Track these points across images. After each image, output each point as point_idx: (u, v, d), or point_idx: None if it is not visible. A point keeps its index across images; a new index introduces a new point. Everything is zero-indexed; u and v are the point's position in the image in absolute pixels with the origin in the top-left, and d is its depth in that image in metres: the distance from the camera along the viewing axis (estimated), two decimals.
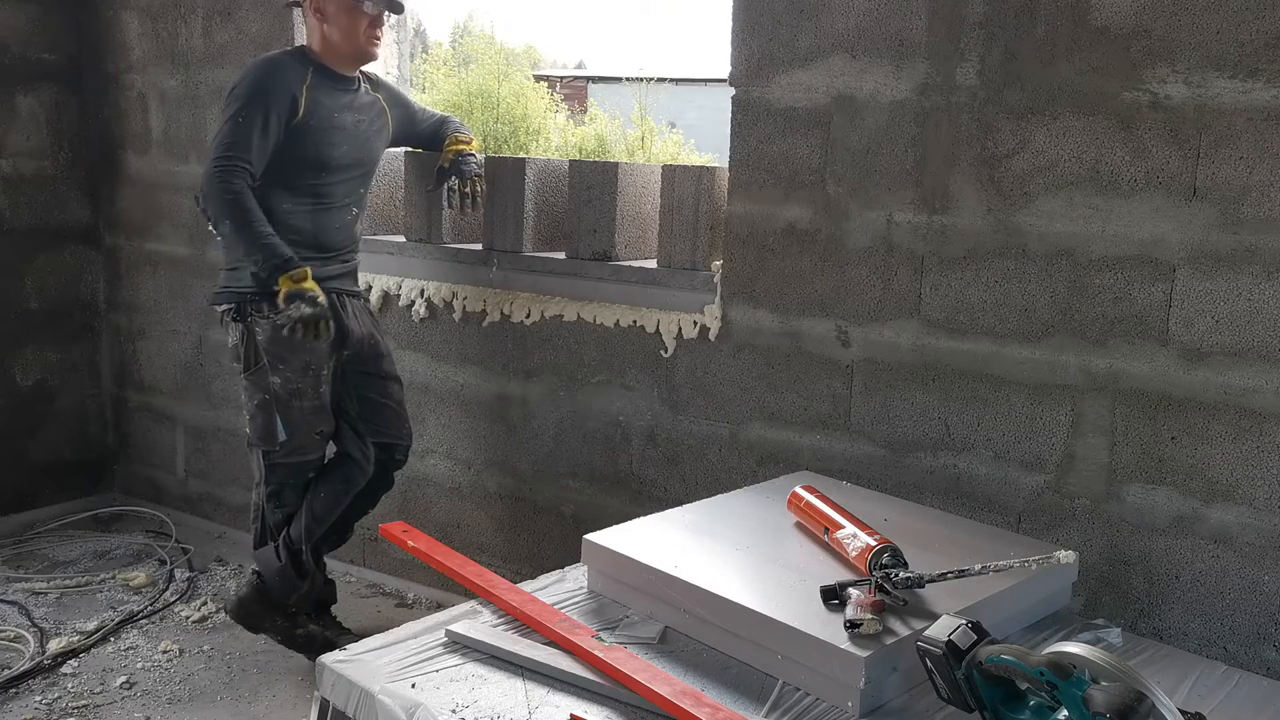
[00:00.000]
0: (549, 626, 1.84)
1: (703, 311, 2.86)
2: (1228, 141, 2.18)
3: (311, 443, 2.93)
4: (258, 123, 2.72)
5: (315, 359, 2.86)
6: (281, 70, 2.81)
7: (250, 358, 2.85)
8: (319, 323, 2.70)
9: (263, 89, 2.76)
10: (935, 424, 2.56)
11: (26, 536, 3.95)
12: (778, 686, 1.69)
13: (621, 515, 2.47)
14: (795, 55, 2.64)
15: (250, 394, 2.88)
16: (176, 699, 2.91)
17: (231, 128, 2.72)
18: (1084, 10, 2.28)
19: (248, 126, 2.72)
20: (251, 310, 2.82)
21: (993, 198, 2.43)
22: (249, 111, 2.72)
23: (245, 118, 2.72)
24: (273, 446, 2.88)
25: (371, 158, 3.04)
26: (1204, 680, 1.77)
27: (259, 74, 2.79)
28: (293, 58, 2.89)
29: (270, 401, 2.84)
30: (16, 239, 3.99)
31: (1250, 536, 2.24)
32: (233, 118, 2.73)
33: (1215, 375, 2.24)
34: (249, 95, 2.75)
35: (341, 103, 2.90)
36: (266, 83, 2.77)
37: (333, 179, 2.89)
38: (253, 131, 2.72)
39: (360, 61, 2.93)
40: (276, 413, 2.85)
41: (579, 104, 21.50)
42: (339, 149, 2.88)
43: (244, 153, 2.70)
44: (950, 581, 1.76)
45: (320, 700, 1.79)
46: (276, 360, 2.82)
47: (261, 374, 2.84)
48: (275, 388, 2.84)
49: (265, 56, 2.90)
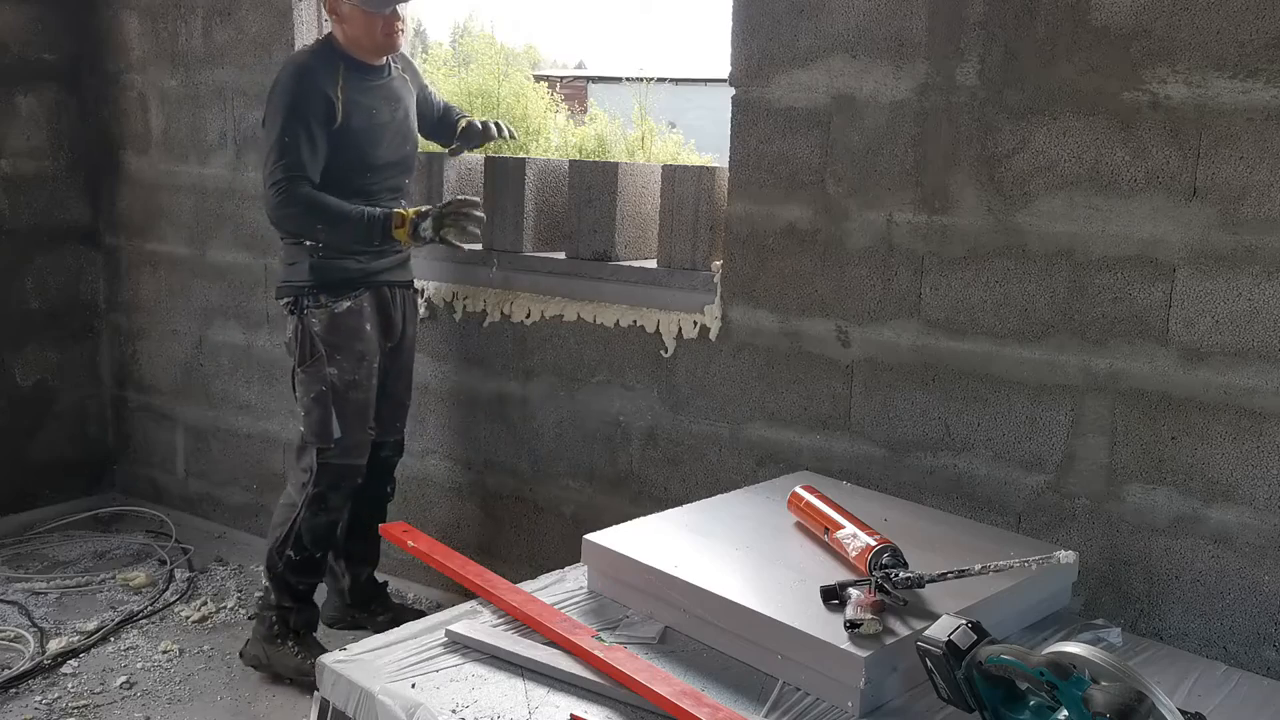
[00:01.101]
0: (549, 627, 1.84)
1: (703, 311, 2.86)
2: (1228, 141, 2.18)
3: (363, 441, 2.93)
4: (303, 137, 2.72)
5: (369, 349, 2.90)
6: (313, 75, 2.78)
7: (306, 349, 2.85)
8: (451, 218, 2.78)
9: (299, 101, 2.74)
10: (935, 424, 2.56)
11: (26, 536, 3.95)
12: (778, 686, 1.69)
13: (621, 515, 2.47)
14: (795, 55, 2.64)
15: (307, 387, 2.87)
16: (176, 699, 2.91)
17: (280, 150, 2.73)
18: (1084, 10, 2.28)
19: (295, 144, 2.72)
20: (308, 302, 2.84)
21: (993, 198, 2.43)
22: (292, 128, 2.72)
23: (290, 136, 2.72)
24: (328, 444, 2.86)
25: (413, 145, 3.03)
26: (1204, 680, 1.77)
27: (292, 84, 2.77)
28: (321, 57, 2.84)
29: (327, 394, 2.84)
30: (16, 239, 3.99)
31: (1250, 536, 2.24)
32: (278, 140, 2.73)
33: (1215, 375, 2.24)
34: (288, 111, 2.73)
35: (377, 97, 2.88)
36: (301, 93, 2.75)
37: (379, 176, 2.90)
38: (300, 147, 2.72)
39: (383, 54, 2.90)
40: (332, 406, 2.85)
41: (579, 104, 21.49)
42: (382, 147, 2.88)
43: (298, 170, 2.72)
44: (950, 581, 1.76)
45: (320, 700, 1.79)
46: (334, 350, 2.85)
47: (319, 365, 2.84)
48: (332, 379, 2.84)
49: (295, 63, 2.85)
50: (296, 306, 2.87)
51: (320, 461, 2.87)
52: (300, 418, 2.91)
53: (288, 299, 2.89)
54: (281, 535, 2.92)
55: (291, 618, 2.96)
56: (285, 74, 2.81)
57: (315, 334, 2.85)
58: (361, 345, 2.89)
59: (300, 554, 2.91)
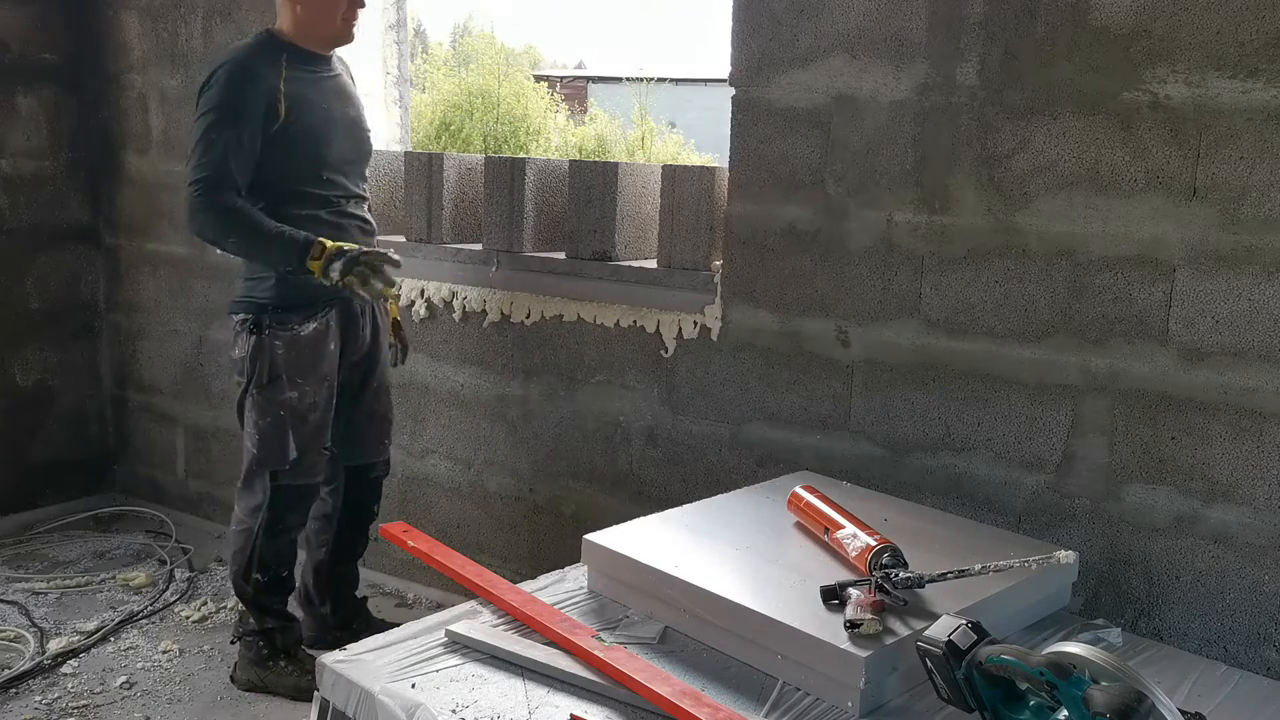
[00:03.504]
0: (549, 627, 1.84)
1: (703, 311, 2.86)
2: (1228, 141, 2.18)
3: (319, 461, 2.82)
4: (232, 139, 2.57)
5: (330, 368, 2.77)
6: (251, 73, 2.61)
7: (264, 372, 2.70)
8: (361, 268, 2.58)
9: (233, 100, 2.58)
10: (935, 424, 2.56)
11: (26, 536, 3.95)
12: (778, 686, 1.69)
13: (621, 515, 2.47)
14: (795, 55, 2.64)
15: (262, 410, 2.73)
16: (176, 699, 2.91)
17: (204, 148, 2.57)
18: (1084, 10, 2.28)
19: (221, 145, 2.56)
20: (270, 321, 2.69)
21: (993, 198, 2.43)
22: (219, 129, 2.57)
23: (217, 135, 2.57)
24: (282, 466, 2.75)
25: (369, 146, 2.91)
26: (1204, 680, 1.78)
27: (228, 81, 2.59)
28: (263, 50, 2.67)
29: (285, 418, 2.72)
30: (16, 239, 3.99)
31: (1250, 536, 2.24)
32: (203, 137, 2.58)
33: (1215, 375, 2.24)
34: (219, 110, 2.58)
35: (327, 90, 2.73)
36: (237, 91, 2.59)
37: (337, 177, 2.76)
38: (226, 151, 2.57)
39: (335, 44, 2.78)
40: (290, 429, 2.73)
41: (579, 104, 21.50)
42: (334, 145, 2.74)
43: (222, 173, 2.57)
44: (950, 581, 1.76)
45: (320, 700, 1.79)
46: (295, 373, 2.71)
47: (277, 388, 2.71)
48: (291, 402, 2.72)
49: (232, 58, 2.65)
50: (256, 326, 2.70)
51: (275, 484, 2.76)
52: (251, 439, 2.77)
53: (246, 315, 2.72)
54: (244, 562, 2.83)
55: (278, 637, 2.89)
56: (222, 71, 2.62)
57: (277, 356, 2.70)
58: (325, 366, 2.77)
59: (267, 575, 2.83)
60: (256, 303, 2.72)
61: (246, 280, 2.76)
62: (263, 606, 2.87)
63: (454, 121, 17.04)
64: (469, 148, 15.59)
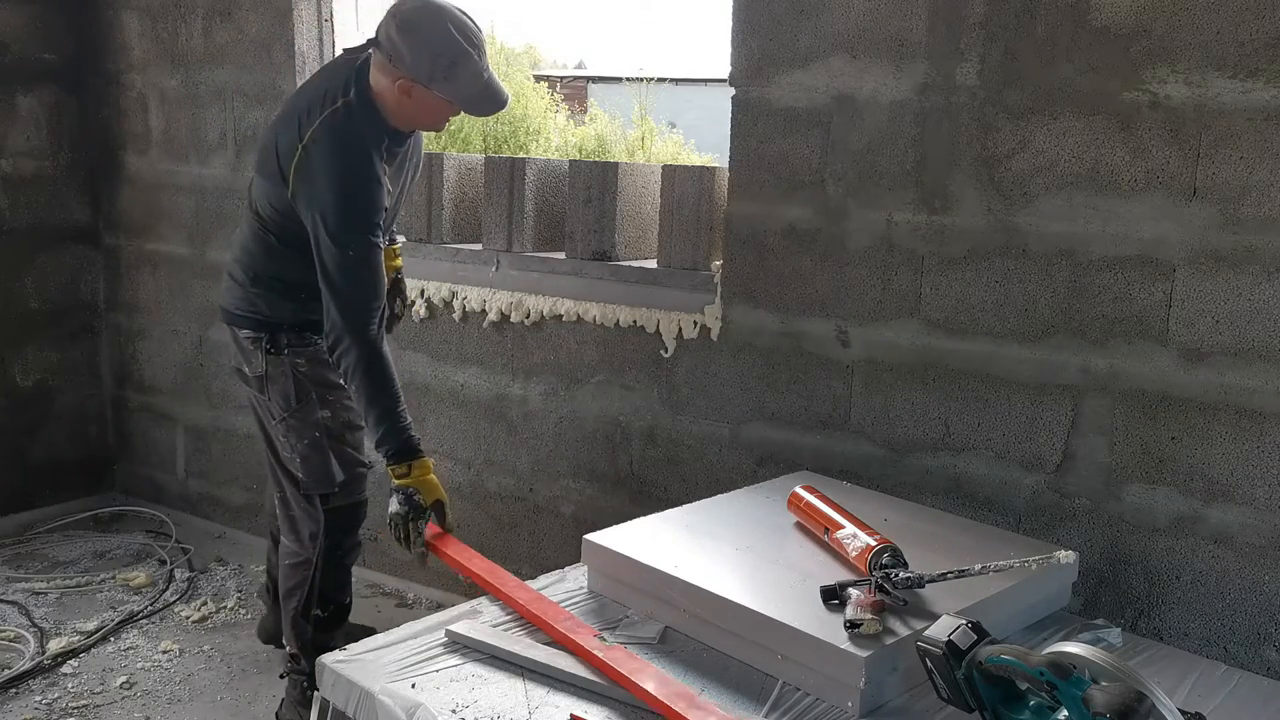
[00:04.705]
0: (554, 625, 1.84)
1: (703, 311, 2.86)
2: (1228, 141, 2.18)
3: (360, 479, 2.72)
4: (377, 252, 2.40)
5: None
6: (370, 165, 2.40)
7: (292, 394, 2.58)
8: (406, 527, 2.43)
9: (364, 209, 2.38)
10: (935, 424, 2.56)
11: (26, 536, 3.95)
12: (778, 686, 1.69)
13: (621, 515, 2.47)
14: (795, 55, 2.64)
15: (299, 433, 2.59)
16: (176, 699, 2.91)
17: (371, 271, 2.38)
18: (1084, 10, 2.28)
19: (376, 264, 2.39)
20: (290, 340, 2.56)
21: (993, 198, 2.43)
22: (373, 247, 2.38)
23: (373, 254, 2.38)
24: (331, 489, 2.62)
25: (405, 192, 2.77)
26: (1204, 680, 1.78)
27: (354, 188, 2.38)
28: (371, 127, 2.44)
29: (322, 439, 2.60)
30: (16, 239, 3.99)
31: (1250, 536, 2.24)
32: (361, 256, 2.36)
33: (1215, 375, 2.24)
34: (360, 223, 2.37)
35: (399, 163, 2.59)
36: (365, 197, 2.38)
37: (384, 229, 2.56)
38: (380, 266, 2.41)
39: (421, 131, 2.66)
40: (329, 449, 2.61)
41: (579, 104, 21.49)
42: (393, 213, 2.66)
43: (381, 297, 2.41)
44: (950, 581, 1.76)
45: (320, 700, 1.79)
46: (325, 391, 2.59)
47: (309, 409, 2.58)
48: (325, 422, 2.61)
49: (352, 148, 2.40)
50: (274, 345, 2.56)
51: (327, 509, 2.64)
52: (292, 465, 2.63)
53: (262, 334, 2.56)
54: (303, 597, 2.68)
55: None
56: (344, 168, 2.38)
57: (301, 375, 2.58)
58: None
59: (327, 609, 2.71)
60: (271, 320, 2.59)
61: (250, 290, 2.61)
62: (321, 647, 2.46)
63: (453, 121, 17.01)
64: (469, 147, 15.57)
